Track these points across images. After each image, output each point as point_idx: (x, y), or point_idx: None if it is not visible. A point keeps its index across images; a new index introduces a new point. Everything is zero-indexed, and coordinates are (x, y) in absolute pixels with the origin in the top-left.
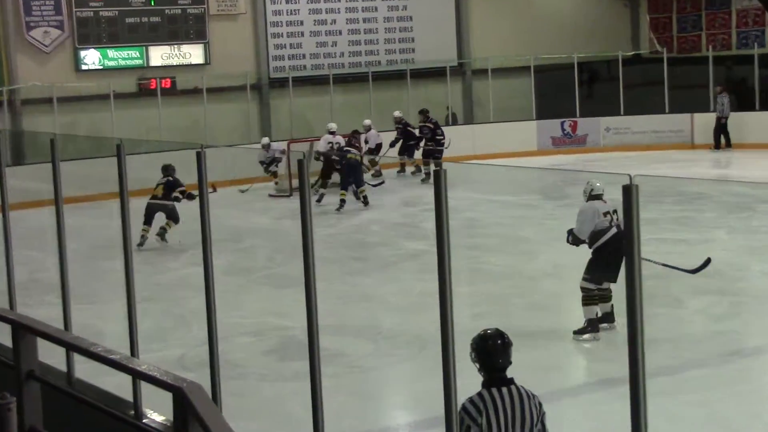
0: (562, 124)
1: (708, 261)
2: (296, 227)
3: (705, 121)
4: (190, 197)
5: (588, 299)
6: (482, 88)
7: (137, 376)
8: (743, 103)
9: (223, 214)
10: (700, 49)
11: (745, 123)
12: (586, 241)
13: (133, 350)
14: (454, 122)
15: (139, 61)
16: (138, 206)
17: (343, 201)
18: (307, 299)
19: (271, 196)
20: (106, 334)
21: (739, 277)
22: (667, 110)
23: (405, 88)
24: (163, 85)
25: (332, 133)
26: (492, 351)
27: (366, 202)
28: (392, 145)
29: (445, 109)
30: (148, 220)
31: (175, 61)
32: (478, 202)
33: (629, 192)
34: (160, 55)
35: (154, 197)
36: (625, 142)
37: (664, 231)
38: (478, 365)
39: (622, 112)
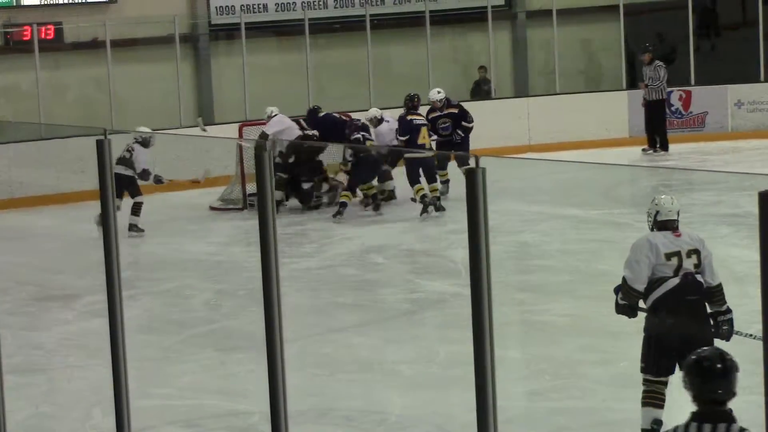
0: (669, 96)
1: None
2: (253, 257)
3: None
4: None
5: (649, 397)
6: (542, 41)
7: None
8: None
9: (138, 238)
10: None
11: None
12: (639, 294)
13: None
14: (484, 93)
15: None
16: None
17: (344, 205)
18: (270, 370)
19: (213, 209)
20: None
21: None
22: None
23: (422, 40)
24: (43, 36)
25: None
26: (709, 376)
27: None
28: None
29: (477, 73)
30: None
31: None
32: (535, 218)
33: None
34: None
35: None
36: (767, 123)
37: None
38: (691, 394)
39: (762, 78)
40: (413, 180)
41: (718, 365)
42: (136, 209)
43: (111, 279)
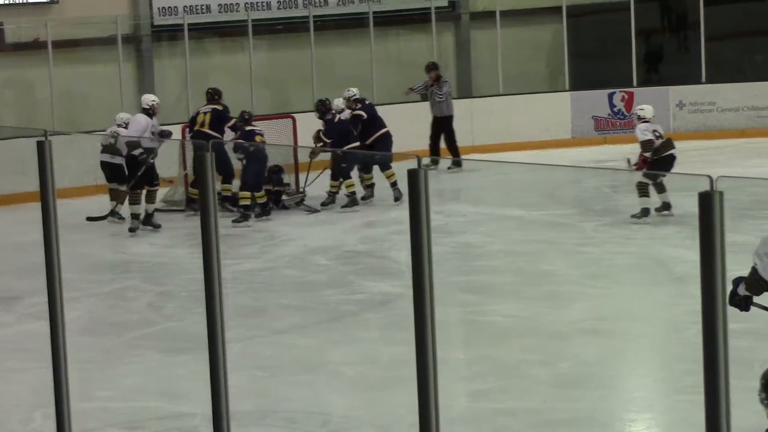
0: (611, 97)
1: None
2: (196, 259)
3: None
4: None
5: None
6: (486, 43)
7: None
8: None
9: (81, 239)
10: None
11: None
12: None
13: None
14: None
15: None
16: None
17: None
18: (212, 371)
19: (156, 210)
20: None
21: None
22: None
23: (366, 41)
24: None
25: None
26: None
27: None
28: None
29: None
30: None
31: None
32: (480, 219)
33: (708, 202)
34: None
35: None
36: (709, 124)
37: None
38: None
39: (703, 79)
40: (345, 174)
41: None
42: (135, 198)
43: (52, 281)
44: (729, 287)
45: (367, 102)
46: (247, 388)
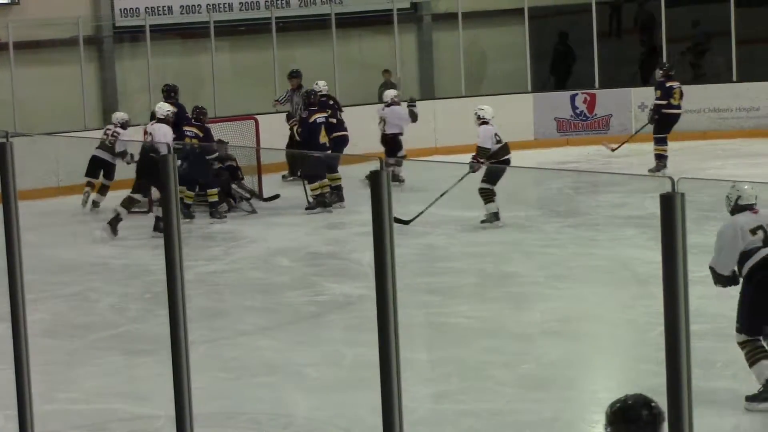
0: (573, 99)
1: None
2: (159, 260)
3: None
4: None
5: (752, 355)
6: (448, 44)
7: None
8: None
9: (42, 241)
10: None
11: None
12: (732, 275)
13: None
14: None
15: None
16: None
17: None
18: (175, 373)
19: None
20: None
21: None
22: (735, 77)
23: (328, 43)
24: None
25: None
26: (635, 424)
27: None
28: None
29: (382, 75)
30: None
31: None
32: (442, 220)
33: (670, 203)
34: None
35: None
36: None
37: None
38: None
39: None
40: (316, 176)
41: (645, 412)
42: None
43: (14, 283)
44: (690, 288)
45: (330, 102)
46: (211, 389)
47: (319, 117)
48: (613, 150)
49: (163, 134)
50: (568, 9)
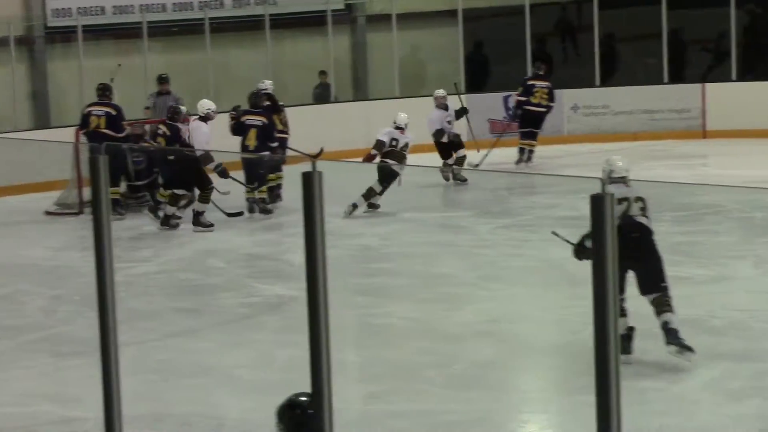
0: (506, 100)
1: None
2: (89, 262)
3: (723, 94)
4: None
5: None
6: (382, 45)
7: None
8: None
9: None
10: None
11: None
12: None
13: None
14: (322, 98)
15: None
16: None
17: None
18: (104, 375)
19: (49, 213)
20: None
21: None
22: (666, 79)
23: (262, 43)
24: None
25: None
26: (304, 423)
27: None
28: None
29: (319, 77)
30: None
31: None
32: (376, 221)
33: (600, 205)
34: None
35: None
36: (603, 127)
37: None
38: None
39: (597, 83)
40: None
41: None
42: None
43: None
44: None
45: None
46: (141, 391)
47: (253, 119)
48: (476, 166)
49: (203, 133)
50: (502, 11)
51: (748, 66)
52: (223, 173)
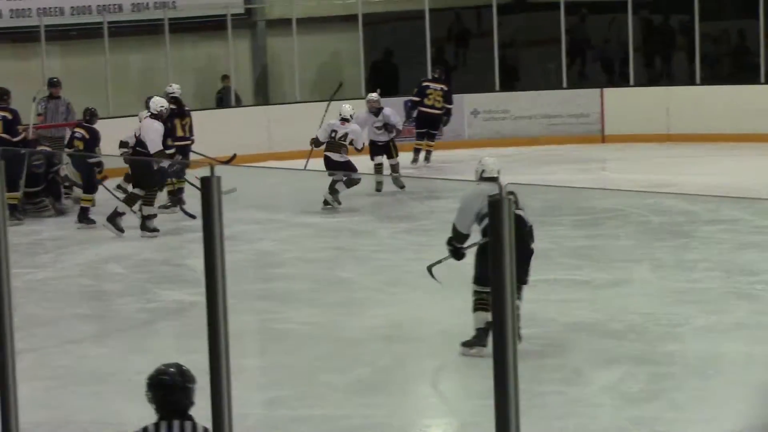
0: (407, 105)
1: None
2: None
3: (621, 99)
4: None
5: (477, 304)
6: (283, 50)
7: None
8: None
9: None
10: None
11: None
12: (467, 235)
13: None
14: (225, 102)
15: None
16: None
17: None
18: (0, 382)
19: None
20: None
21: (667, 337)
22: (565, 84)
23: (161, 48)
24: None
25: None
26: (171, 389)
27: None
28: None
29: (221, 81)
30: None
31: None
32: (276, 226)
33: (498, 209)
34: None
35: None
36: (503, 132)
37: (557, 268)
38: (154, 407)
39: (497, 87)
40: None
41: (179, 379)
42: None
43: None
44: (523, 295)
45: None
46: (39, 399)
47: (78, 131)
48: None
49: (155, 130)
50: (402, 16)
51: (645, 71)
52: (179, 174)
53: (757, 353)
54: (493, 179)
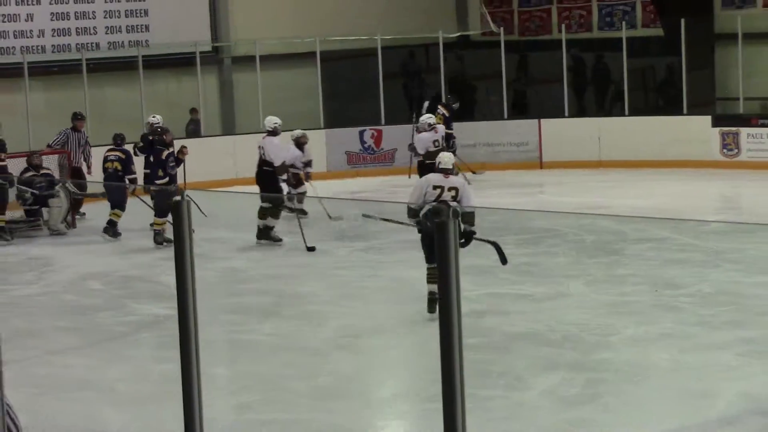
0: (362, 134)
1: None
2: None
3: (557, 129)
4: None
5: (430, 277)
6: (248, 84)
7: None
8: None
9: None
10: (550, 30)
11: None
12: (418, 209)
13: None
14: (195, 132)
15: None
16: None
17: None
18: None
19: None
20: None
21: (600, 346)
22: (506, 115)
23: (136, 82)
24: None
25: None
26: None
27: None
28: None
29: (190, 114)
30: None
31: None
32: (243, 246)
33: (444, 231)
34: None
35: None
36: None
37: (500, 283)
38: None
39: None
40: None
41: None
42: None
43: None
44: (463, 307)
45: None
46: (22, 405)
47: (111, 154)
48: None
49: (275, 145)
50: (357, 53)
51: (578, 103)
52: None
53: (682, 360)
54: (449, 170)
